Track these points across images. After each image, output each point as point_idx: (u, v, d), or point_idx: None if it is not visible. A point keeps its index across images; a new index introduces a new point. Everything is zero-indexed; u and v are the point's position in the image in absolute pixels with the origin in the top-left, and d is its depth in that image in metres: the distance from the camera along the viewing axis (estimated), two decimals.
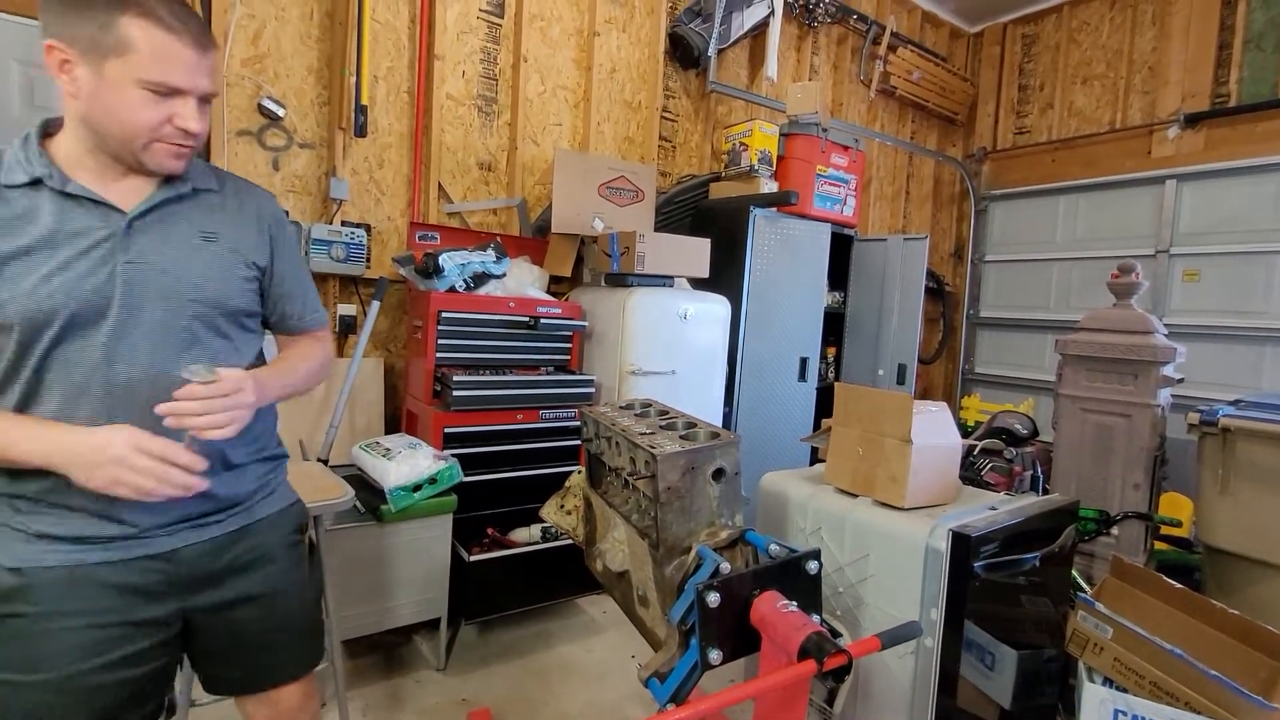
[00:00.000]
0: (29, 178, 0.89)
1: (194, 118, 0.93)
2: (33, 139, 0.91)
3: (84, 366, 0.91)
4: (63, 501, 0.91)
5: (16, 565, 0.90)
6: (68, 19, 0.85)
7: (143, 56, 0.86)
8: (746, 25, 3.56)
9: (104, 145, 0.91)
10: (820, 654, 0.90)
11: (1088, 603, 1.60)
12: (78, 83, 0.87)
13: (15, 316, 0.87)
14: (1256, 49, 3.79)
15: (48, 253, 0.88)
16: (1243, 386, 3.63)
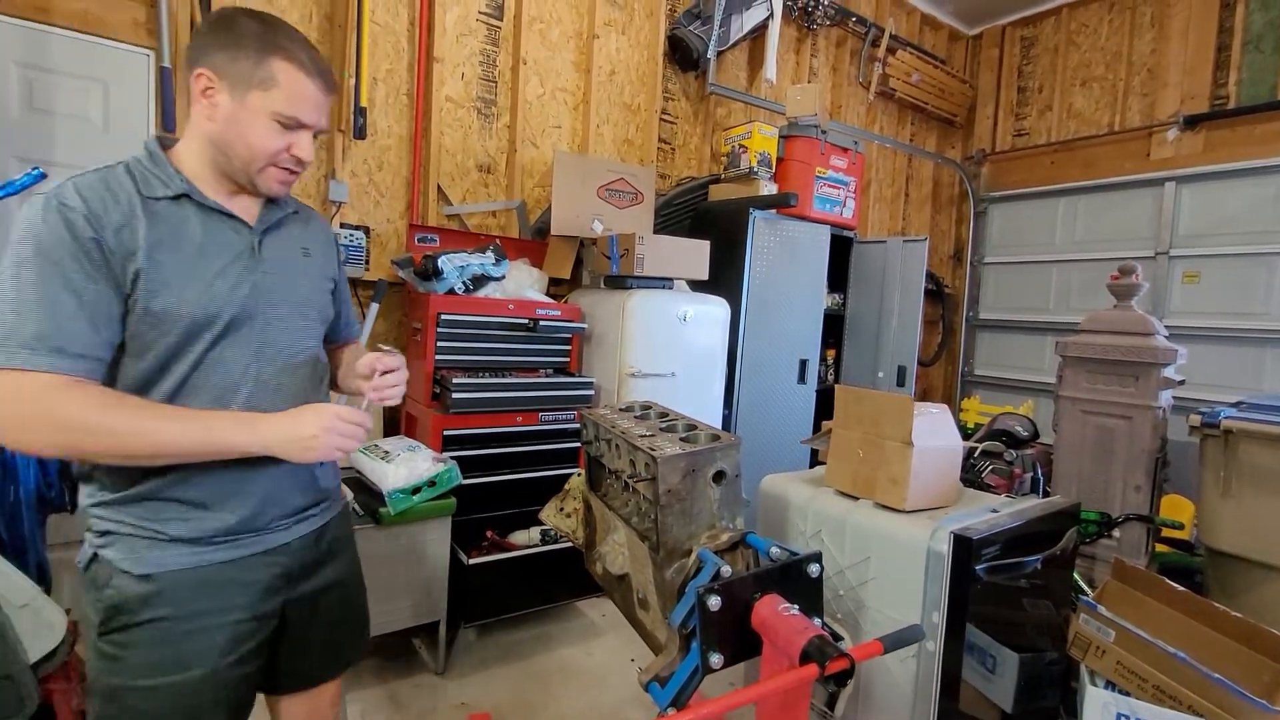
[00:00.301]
0: (174, 192, 0.96)
1: (309, 149, 1.03)
2: (161, 156, 0.99)
3: (237, 365, 1.00)
4: (184, 495, 0.96)
5: (148, 572, 0.94)
6: (224, 53, 0.95)
7: (282, 93, 0.97)
8: (746, 27, 3.56)
9: (226, 165, 0.99)
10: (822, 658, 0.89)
11: (1090, 606, 1.59)
12: (217, 108, 0.96)
13: (182, 320, 0.94)
14: (1256, 51, 3.80)
15: (204, 261, 0.97)
16: (1243, 388, 3.63)
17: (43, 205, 0.88)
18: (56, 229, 0.86)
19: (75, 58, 2.17)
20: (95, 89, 2.22)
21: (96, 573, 0.95)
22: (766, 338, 3.18)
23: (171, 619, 0.95)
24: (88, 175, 0.93)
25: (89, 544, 0.97)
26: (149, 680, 0.94)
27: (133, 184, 0.94)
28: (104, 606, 0.94)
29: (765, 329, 3.17)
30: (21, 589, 1.47)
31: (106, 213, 0.90)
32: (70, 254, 0.87)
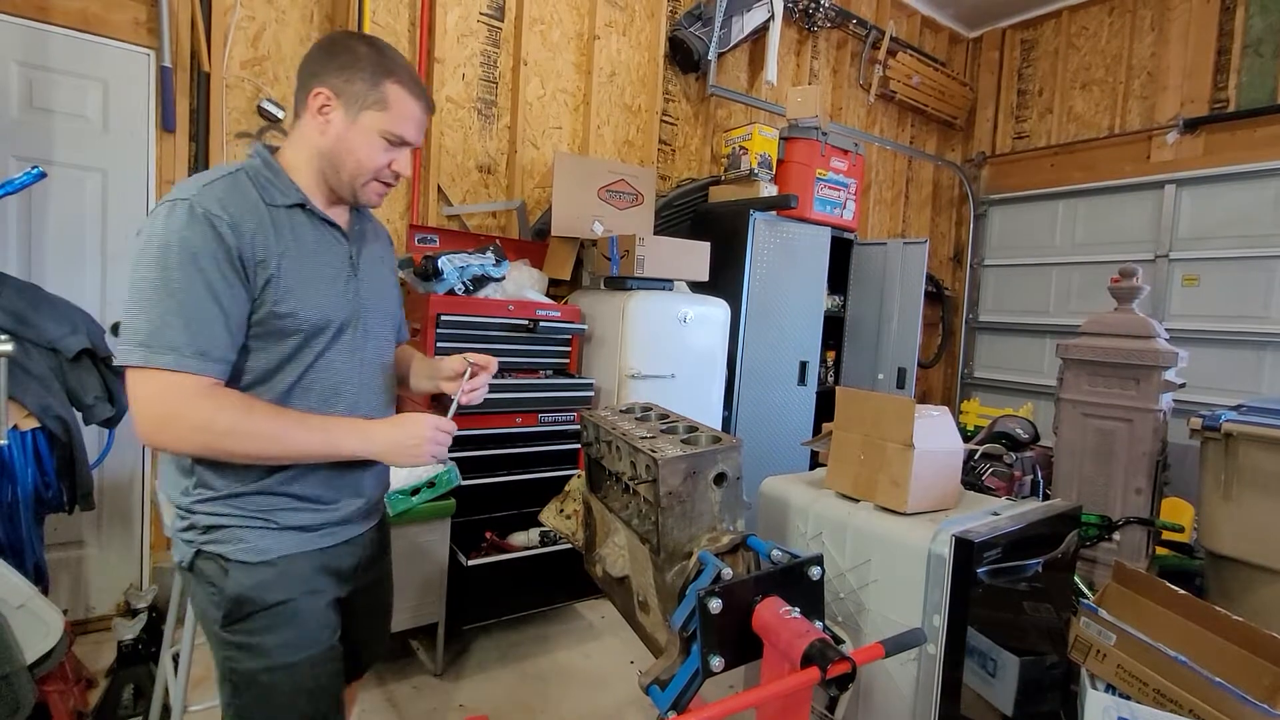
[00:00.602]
0: (291, 202, 1.02)
1: (408, 165, 1.10)
2: (277, 166, 1.04)
3: (341, 369, 1.07)
4: (296, 491, 1.02)
5: (270, 559, 0.99)
6: (342, 75, 1.02)
7: (392, 113, 1.04)
8: (746, 29, 3.56)
9: (333, 178, 1.06)
10: (824, 661, 0.89)
11: (1090, 609, 1.58)
12: (330, 124, 1.03)
13: (302, 325, 1.00)
14: (1255, 55, 3.80)
15: (320, 270, 1.04)
16: (1242, 391, 3.63)
17: (188, 212, 0.90)
18: (204, 236, 0.90)
19: (75, 57, 2.17)
20: (95, 88, 2.22)
21: (204, 568, 0.99)
22: (766, 339, 3.17)
23: (293, 599, 1.01)
24: (218, 182, 0.96)
25: (188, 542, 0.99)
26: (289, 658, 1.00)
27: (257, 192, 0.99)
28: (228, 599, 0.97)
29: (765, 331, 3.16)
30: (18, 589, 1.46)
31: (244, 220, 0.94)
32: (215, 261, 0.90)
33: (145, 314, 0.88)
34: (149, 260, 0.89)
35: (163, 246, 0.89)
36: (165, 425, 0.89)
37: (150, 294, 0.88)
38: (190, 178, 0.98)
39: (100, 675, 1.98)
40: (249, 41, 2.44)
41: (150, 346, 0.87)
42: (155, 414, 0.89)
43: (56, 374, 1.69)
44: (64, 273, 2.19)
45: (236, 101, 2.43)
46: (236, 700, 1.01)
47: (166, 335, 0.88)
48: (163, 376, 0.88)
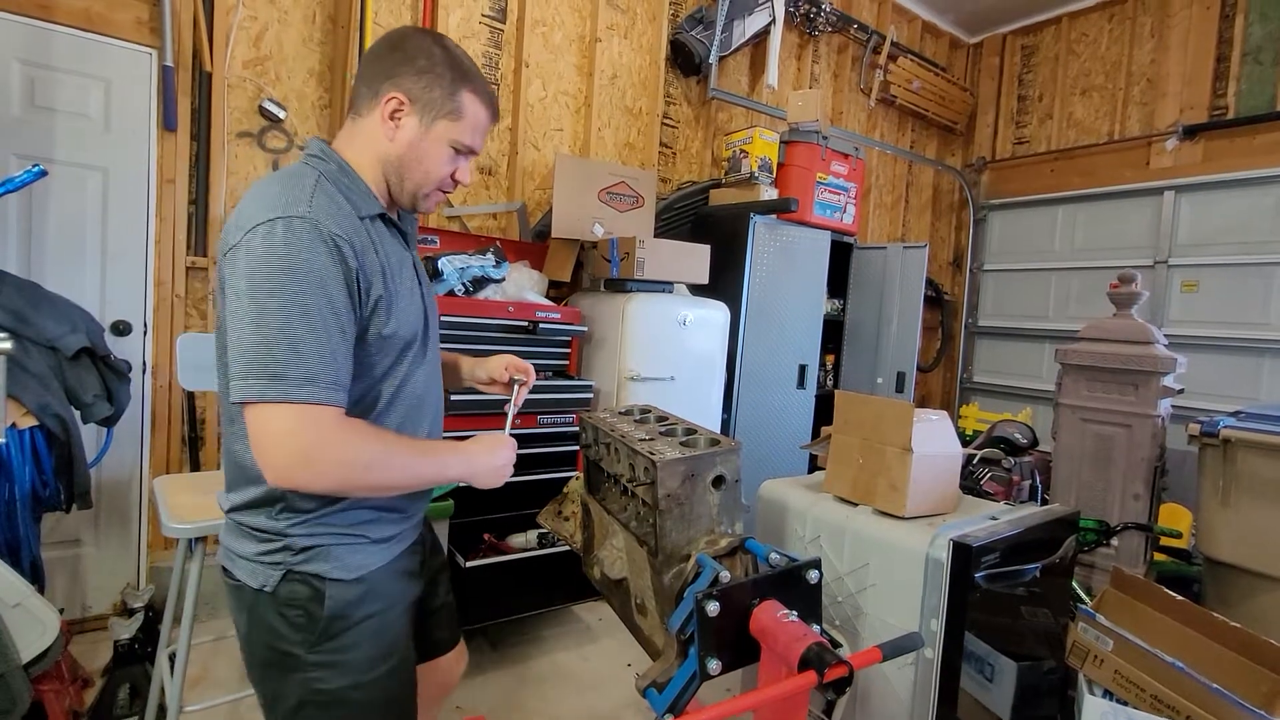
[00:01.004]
0: (374, 212, 0.98)
1: (469, 173, 1.07)
2: (355, 174, 0.98)
3: (421, 381, 1.06)
4: (376, 502, 1.00)
5: (359, 575, 0.97)
6: (418, 80, 0.97)
7: (465, 124, 1.00)
8: (748, 33, 3.57)
9: (395, 185, 1.01)
10: (821, 665, 0.89)
11: (1088, 614, 1.58)
12: (401, 130, 0.98)
13: (399, 341, 0.99)
14: (1254, 62, 3.81)
15: (405, 282, 1.01)
16: (1241, 397, 3.63)
17: (311, 231, 0.84)
18: (329, 258, 0.85)
19: (78, 56, 2.17)
20: (97, 87, 2.22)
21: (293, 591, 0.93)
22: (766, 342, 3.18)
23: (380, 612, 1.00)
24: (319, 195, 0.89)
25: (275, 564, 0.93)
26: (375, 671, 0.99)
27: (348, 203, 0.94)
28: (323, 619, 0.94)
29: (765, 334, 3.17)
30: (15, 588, 1.46)
31: (355, 239, 0.90)
32: (338, 285, 0.86)
33: (275, 343, 0.81)
34: (273, 283, 0.82)
35: (287, 269, 0.82)
36: (310, 463, 0.83)
37: (279, 320, 0.81)
38: (278, 188, 0.89)
39: (96, 675, 1.98)
40: (251, 41, 2.44)
41: (287, 378, 0.81)
42: (298, 450, 0.82)
43: (55, 372, 1.69)
44: (64, 271, 2.19)
45: (238, 101, 2.44)
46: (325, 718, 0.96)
47: (303, 366, 0.82)
48: (302, 410, 0.82)
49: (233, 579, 0.97)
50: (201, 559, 1.55)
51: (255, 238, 0.83)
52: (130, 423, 2.27)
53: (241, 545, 0.96)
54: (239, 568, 0.96)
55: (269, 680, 0.97)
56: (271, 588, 0.93)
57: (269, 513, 0.94)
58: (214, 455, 2.49)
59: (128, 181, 2.28)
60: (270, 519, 0.94)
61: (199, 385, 1.95)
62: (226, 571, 0.99)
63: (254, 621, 0.95)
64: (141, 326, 2.33)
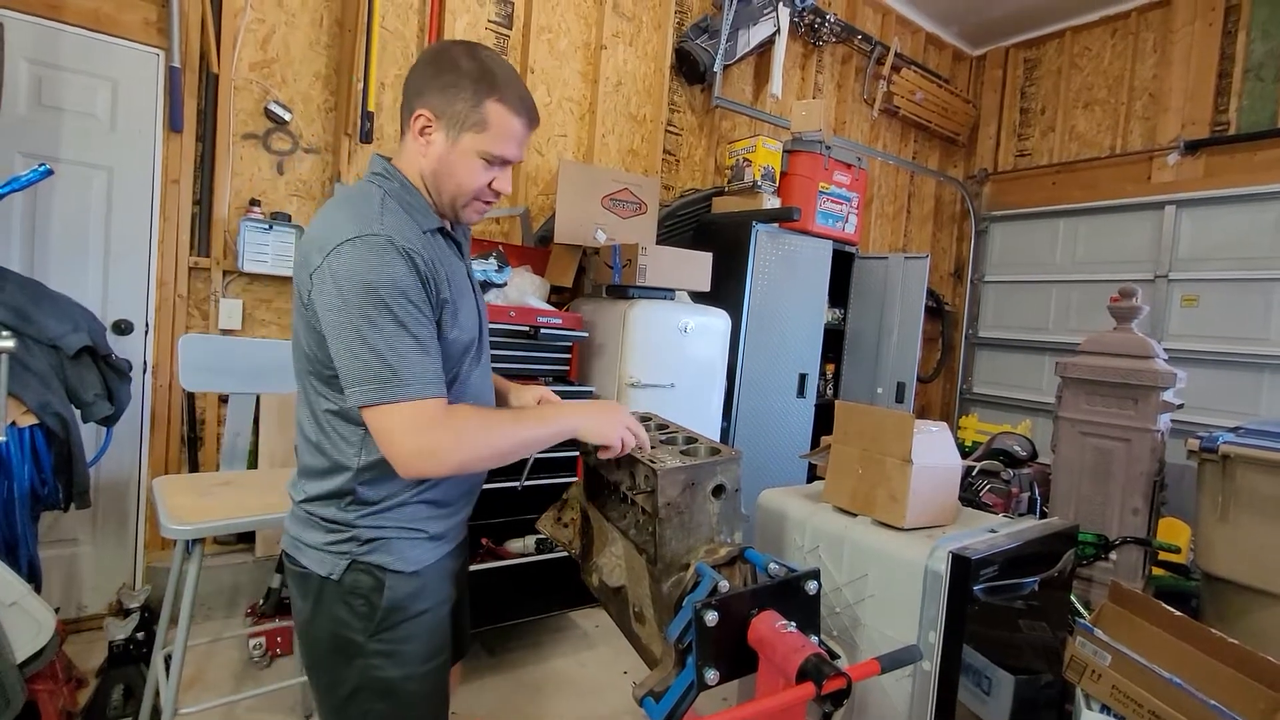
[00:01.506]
0: (435, 226, 1.04)
1: (508, 183, 1.09)
2: (415, 190, 1.04)
3: (478, 382, 1.12)
4: (430, 498, 1.06)
5: (416, 569, 1.03)
6: (444, 95, 1.00)
7: (492, 134, 1.02)
8: (752, 43, 3.59)
9: (435, 198, 1.06)
10: (819, 676, 0.89)
11: (1086, 628, 1.58)
12: (431, 146, 1.02)
13: (461, 345, 1.05)
14: (1256, 79, 3.83)
15: (463, 290, 1.07)
16: (1240, 413, 3.63)
17: (387, 248, 0.91)
18: (408, 271, 0.93)
19: (85, 56, 2.18)
20: (104, 87, 2.23)
21: (357, 580, 1.00)
22: (766, 351, 3.18)
23: (433, 608, 1.06)
24: (388, 214, 0.96)
25: (342, 554, 1.00)
26: (428, 665, 1.05)
27: (411, 219, 1.00)
28: (382, 608, 1.00)
29: (765, 342, 3.17)
30: (11, 587, 1.46)
31: (424, 250, 0.97)
32: (418, 293, 0.94)
33: (380, 349, 0.89)
34: (366, 297, 0.89)
35: (376, 284, 0.90)
36: (433, 452, 0.92)
37: (379, 330, 0.89)
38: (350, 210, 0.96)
39: (90, 675, 1.97)
40: (258, 44, 2.46)
41: (397, 381, 0.90)
42: (421, 444, 0.91)
43: (57, 371, 1.70)
44: (67, 270, 2.19)
45: (244, 103, 2.45)
46: (378, 705, 1.02)
47: (407, 367, 0.90)
48: (416, 406, 0.91)
49: (299, 566, 1.03)
50: (199, 560, 1.54)
51: (339, 257, 0.91)
52: (130, 422, 2.27)
53: (310, 535, 1.02)
54: (306, 556, 1.02)
55: (330, 666, 1.02)
56: (338, 576, 0.99)
57: (339, 505, 1.00)
58: (213, 456, 2.48)
59: (132, 181, 2.29)
60: (340, 510, 1.00)
61: (200, 386, 1.95)
62: (291, 559, 1.04)
63: (319, 608, 1.01)
64: (143, 326, 2.34)
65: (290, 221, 2.49)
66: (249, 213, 2.42)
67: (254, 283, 2.51)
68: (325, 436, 1.00)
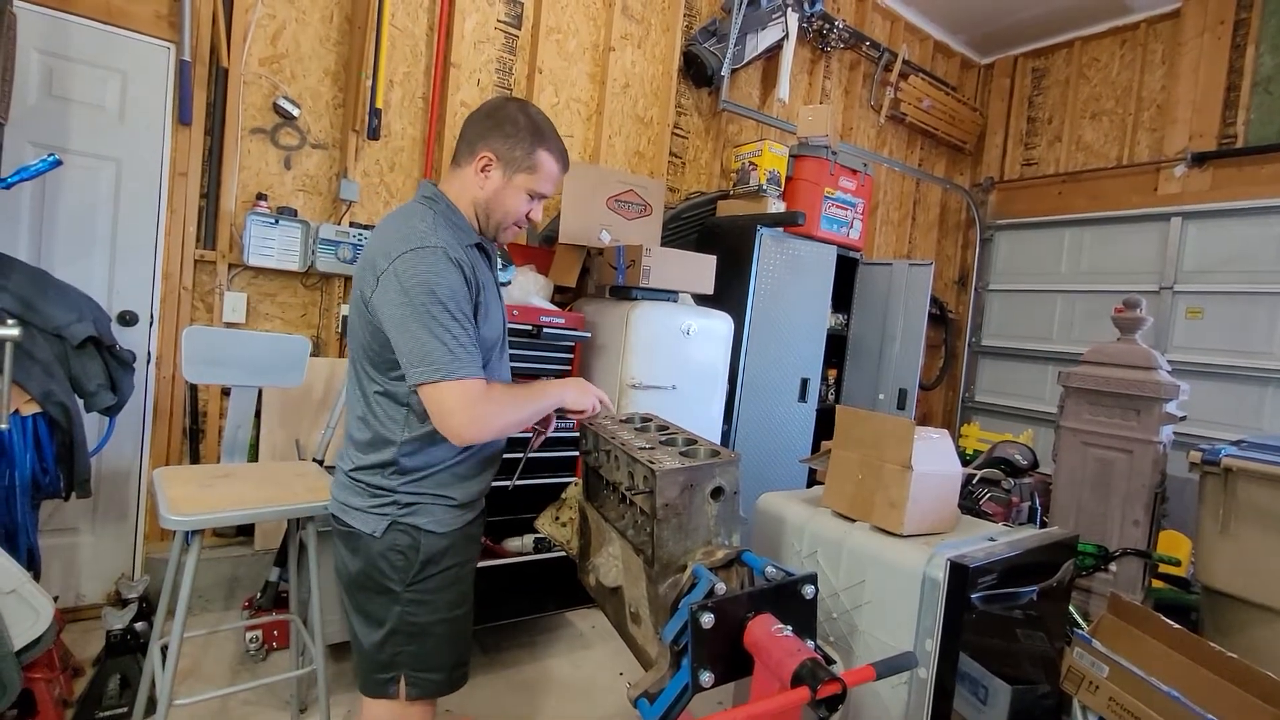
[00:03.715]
0: (474, 241, 1.25)
1: (540, 212, 1.35)
2: (459, 212, 1.25)
3: (499, 373, 1.31)
4: (468, 473, 1.27)
5: (445, 530, 1.23)
6: (505, 141, 1.23)
7: (540, 176, 1.27)
8: (760, 47, 3.59)
9: (482, 221, 1.28)
10: (814, 681, 0.88)
11: (1084, 640, 1.58)
12: (489, 180, 1.25)
13: (489, 342, 1.24)
14: (1265, 92, 3.83)
15: (492, 295, 1.28)
16: (1243, 426, 3.62)
17: (443, 257, 1.12)
18: (458, 277, 1.14)
19: (96, 47, 2.19)
20: (114, 79, 2.24)
21: (397, 538, 1.19)
22: (769, 355, 3.18)
23: (459, 564, 1.26)
24: (441, 231, 1.17)
25: (383, 515, 1.20)
26: (454, 612, 1.25)
27: (456, 235, 1.20)
28: (418, 561, 1.20)
29: (768, 346, 3.17)
30: (10, 574, 1.46)
31: (469, 264, 1.18)
32: (464, 295, 1.15)
33: (438, 337, 1.09)
34: (425, 296, 1.09)
35: (433, 284, 1.10)
36: (477, 421, 1.11)
37: (436, 322, 1.09)
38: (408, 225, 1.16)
39: (87, 664, 1.98)
40: (268, 39, 2.47)
41: (449, 363, 1.09)
42: (471, 415, 1.10)
43: (61, 360, 1.70)
44: (73, 260, 2.20)
45: (253, 98, 2.46)
46: (409, 647, 1.21)
47: (456, 353, 1.10)
48: (464, 384, 1.10)
49: (345, 525, 1.23)
50: (198, 552, 1.55)
51: (403, 263, 1.11)
52: (132, 413, 2.27)
53: (357, 499, 1.22)
54: (353, 517, 1.21)
55: (371, 609, 1.22)
56: (380, 534, 1.19)
57: (384, 473, 1.20)
58: (214, 448, 2.49)
59: (140, 173, 2.30)
60: (384, 478, 1.20)
61: (203, 378, 1.96)
62: (338, 519, 1.24)
63: (364, 561, 1.21)
64: (148, 317, 2.34)
65: (296, 216, 2.50)
66: (255, 207, 2.43)
67: (259, 277, 2.52)
68: (373, 415, 1.20)
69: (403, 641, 1.21)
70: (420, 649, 1.22)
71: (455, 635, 1.26)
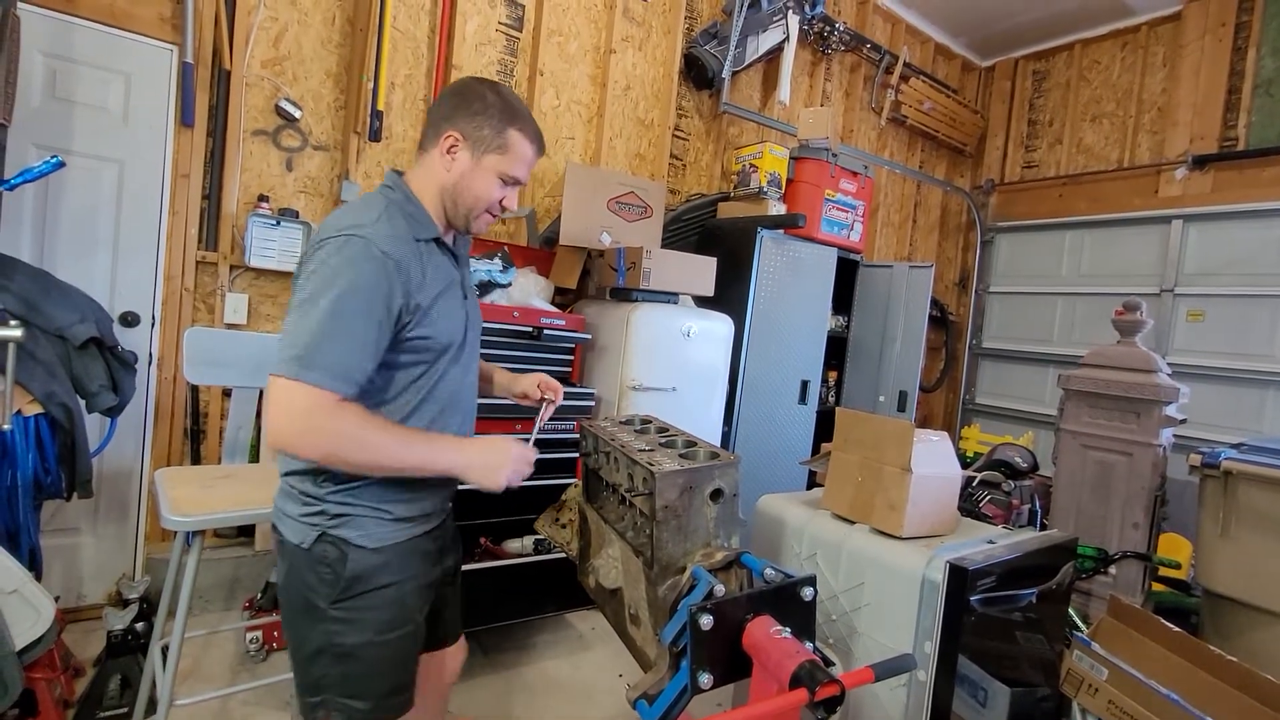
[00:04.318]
0: (431, 236, 1.14)
1: (515, 200, 1.23)
2: (418, 201, 1.15)
3: (457, 381, 1.20)
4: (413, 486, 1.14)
5: (379, 546, 1.11)
6: (473, 120, 1.14)
7: (511, 157, 1.16)
8: (761, 49, 3.60)
9: (451, 210, 1.18)
10: (813, 683, 0.89)
11: (1084, 642, 1.58)
12: (456, 163, 1.15)
13: (437, 347, 1.13)
14: (1266, 95, 3.83)
15: (450, 297, 1.16)
16: (1244, 429, 3.61)
17: (364, 250, 1.01)
18: (374, 272, 1.01)
19: (100, 50, 2.20)
20: (117, 81, 2.25)
21: (324, 551, 1.09)
22: (769, 357, 3.18)
23: (397, 583, 1.13)
24: (383, 219, 1.07)
25: (312, 525, 1.10)
26: (387, 635, 1.12)
27: (407, 227, 1.10)
28: (345, 577, 1.09)
29: (768, 348, 3.17)
30: (12, 574, 1.47)
31: (406, 260, 1.06)
32: (379, 299, 1.02)
33: (307, 331, 0.97)
34: (322, 284, 0.99)
35: (341, 278, 0.99)
36: (302, 433, 0.98)
37: (316, 314, 0.98)
38: (354, 211, 1.07)
39: (88, 664, 1.98)
40: (271, 41, 2.47)
41: (303, 361, 0.96)
42: (293, 421, 0.98)
43: (63, 361, 1.71)
44: (76, 261, 2.21)
45: (255, 100, 2.47)
46: (334, 670, 1.10)
47: (322, 356, 0.97)
48: (307, 390, 0.97)
49: (278, 534, 1.14)
50: (199, 552, 1.55)
51: (324, 250, 1.02)
52: (133, 414, 2.28)
53: (289, 506, 1.13)
54: (285, 525, 1.13)
55: (298, 626, 1.12)
56: (308, 545, 1.09)
57: (314, 480, 1.10)
58: (215, 449, 2.49)
59: (143, 175, 2.31)
60: (314, 485, 1.10)
61: (204, 379, 1.96)
62: (275, 527, 1.15)
63: (291, 572, 1.11)
64: (149, 318, 2.35)
65: (298, 218, 2.50)
66: (257, 208, 2.44)
67: (260, 278, 2.53)
68: None
69: (328, 664, 1.10)
70: (347, 673, 1.10)
71: (389, 659, 1.13)
